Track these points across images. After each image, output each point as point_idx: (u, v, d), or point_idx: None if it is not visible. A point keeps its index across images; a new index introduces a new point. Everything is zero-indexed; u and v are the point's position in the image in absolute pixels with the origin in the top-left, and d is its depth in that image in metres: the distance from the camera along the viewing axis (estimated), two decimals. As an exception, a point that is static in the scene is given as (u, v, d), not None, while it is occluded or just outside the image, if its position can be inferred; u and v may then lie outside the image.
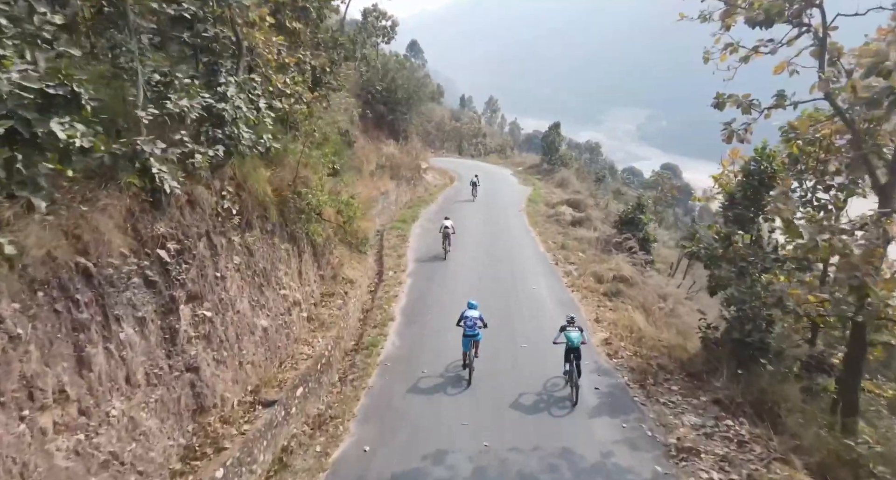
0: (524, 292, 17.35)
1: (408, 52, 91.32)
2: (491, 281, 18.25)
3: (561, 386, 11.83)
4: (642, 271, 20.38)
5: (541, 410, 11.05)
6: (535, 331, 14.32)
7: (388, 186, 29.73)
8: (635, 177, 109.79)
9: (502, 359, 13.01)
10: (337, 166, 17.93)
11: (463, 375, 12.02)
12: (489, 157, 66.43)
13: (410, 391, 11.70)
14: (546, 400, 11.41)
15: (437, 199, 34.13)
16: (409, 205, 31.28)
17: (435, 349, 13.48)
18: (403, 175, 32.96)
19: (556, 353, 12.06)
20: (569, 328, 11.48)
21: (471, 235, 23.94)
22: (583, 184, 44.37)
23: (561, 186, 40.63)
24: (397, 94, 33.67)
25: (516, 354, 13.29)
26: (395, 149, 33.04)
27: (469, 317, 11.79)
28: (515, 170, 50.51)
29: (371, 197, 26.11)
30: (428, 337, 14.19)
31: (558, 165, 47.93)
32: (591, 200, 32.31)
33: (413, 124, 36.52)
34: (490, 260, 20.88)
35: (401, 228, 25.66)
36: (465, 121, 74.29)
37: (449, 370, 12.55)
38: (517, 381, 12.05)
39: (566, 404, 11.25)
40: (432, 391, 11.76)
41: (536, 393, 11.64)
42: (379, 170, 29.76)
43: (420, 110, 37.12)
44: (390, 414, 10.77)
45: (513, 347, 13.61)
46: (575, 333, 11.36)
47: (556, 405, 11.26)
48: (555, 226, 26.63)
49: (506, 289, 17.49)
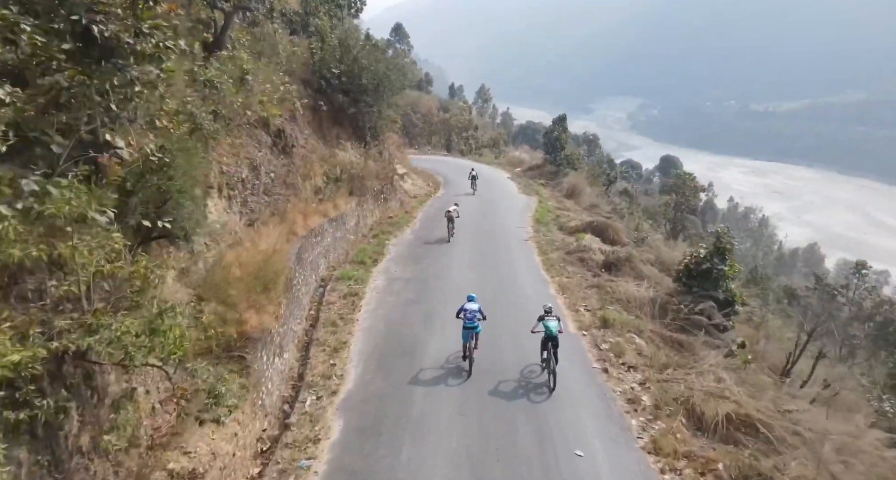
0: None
1: (392, 37, 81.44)
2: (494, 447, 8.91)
3: (538, 373, 11.27)
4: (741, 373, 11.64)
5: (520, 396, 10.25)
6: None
7: (345, 207, 20.80)
8: (634, 171, 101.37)
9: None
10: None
11: (463, 366, 11.44)
12: (482, 155, 57.25)
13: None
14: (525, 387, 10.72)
15: (416, 219, 25.19)
16: (376, 232, 22.35)
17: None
18: (370, 188, 23.98)
19: None
20: (547, 317, 11.10)
21: (457, 288, 15.13)
22: (594, 190, 35.55)
23: (573, 196, 31.76)
24: (361, 80, 24.48)
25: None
26: (358, 154, 23.98)
27: (468, 310, 11.43)
28: (513, 172, 41.51)
29: (312, 229, 17.23)
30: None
31: (564, 166, 39.03)
32: (620, 222, 23.50)
33: (385, 119, 27.35)
34: (489, 366, 11.57)
35: (354, 278, 16.78)
36: (454, 111, 64.93)
37: (449, 362, 11.71)
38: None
39: (544, 390, 10.63)
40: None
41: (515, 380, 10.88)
42: (332, 184, 20.78)
43: (395, 101, 27.93)
44: None
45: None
46: (553, 322, 10.97)
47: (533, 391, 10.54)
48: (579, 272, 17.79)
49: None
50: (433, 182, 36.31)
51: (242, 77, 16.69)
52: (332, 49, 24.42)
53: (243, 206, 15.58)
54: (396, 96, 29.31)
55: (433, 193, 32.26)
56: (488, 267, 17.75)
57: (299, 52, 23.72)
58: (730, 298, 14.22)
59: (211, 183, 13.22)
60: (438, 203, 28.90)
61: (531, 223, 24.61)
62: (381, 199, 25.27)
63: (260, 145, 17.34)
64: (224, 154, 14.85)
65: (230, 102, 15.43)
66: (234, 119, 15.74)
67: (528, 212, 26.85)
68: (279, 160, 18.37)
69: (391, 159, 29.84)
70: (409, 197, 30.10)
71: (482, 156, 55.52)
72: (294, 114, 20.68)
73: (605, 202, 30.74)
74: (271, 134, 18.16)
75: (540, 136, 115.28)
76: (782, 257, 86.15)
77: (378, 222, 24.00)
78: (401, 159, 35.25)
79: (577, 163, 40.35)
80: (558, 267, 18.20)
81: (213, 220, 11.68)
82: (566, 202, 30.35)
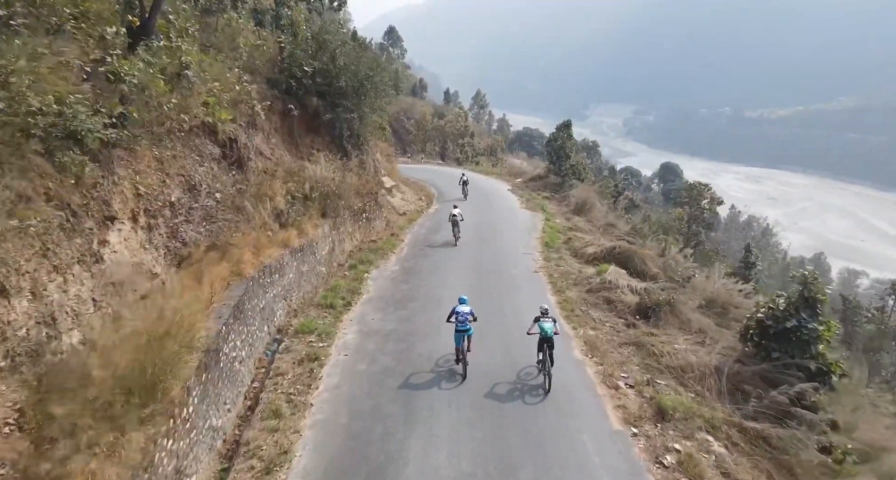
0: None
1: (385, 40, 77.65)
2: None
3: (534, 375, 10.79)
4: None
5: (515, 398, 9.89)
6: None
7: (315, 233, 16.74)
8: (634, 178, 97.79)
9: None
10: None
11: (456, 369, 10.90)
12: (479, 163, 53.29)
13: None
14: (520, 389, 10.32)
15: (404, 242, 21.12)
16: (354, 262, 18.21)
17: None
18: (349, 207, 19.94)
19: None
20: (542, 319, 10.59)
21: (450, 351, 11.13)
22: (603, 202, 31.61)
23: (582, 212, 27.79)
24: (339, 81, 20.51)
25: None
26: (335, 167, 19.93)
27: (460, 313, 10.90)
28: (513, 183, 37.54)
29: (266, 266, 13.20)
30: None
31: (570, 177, 35.11)
32: (645, 246, 19.42)
33: (370, 126, 23.38)
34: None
35: (318, 331, 12.66)
36: (449, 118, 61.04)
37: (440, 365, 11.05)
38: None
39: (539, 392, 10.21)
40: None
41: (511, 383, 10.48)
42: (298, 204, 16.74)
43: (381, 105, 23.94)
44: None
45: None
46: (548, 324, 10.46)
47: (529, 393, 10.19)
48: (607, 319, 13.74)
49: None
50: (426, 195, 32.28)
51: (179, 72, 12.70)
52: (305, 43, 20.44)
53: (171, 239, 11.53)
54: (383, 100, 25.39)
55: (425, 209, 28.20)
56: (491, 312, 13.67)
57: (266, 46, 19.77)
58: (824, 367, 10.27)
59: (113, 212, 9.26)
60: (431, 222, 24.83)
61: (539, 247, 20.58)
62: (362, 220, 21.19)
63: (202, 158, 13.30)
64: (145, 170, 10.81)
65: (158, 103, 11.45)
66: (165, 124, 11.78)
67: (535, 233, 22.81)
68: (229, 176, 14.36)
69: (377, 171, 25.82)
70: (397, 214, 26.05)
71: (479, 165, 51.57)
72: (254, 119, 16.70)
73: (622, 220, 26.73)
74: (219, 143, 14.15)
75: (537, 143, 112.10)
76: (788, 268, 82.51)
77: (358, 247, 19.91)
78: (389, 170, 31.25)
79: (584, 174, 36.45)
80: (580, 311, 14.15)
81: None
82: (576, 219, 26.36)
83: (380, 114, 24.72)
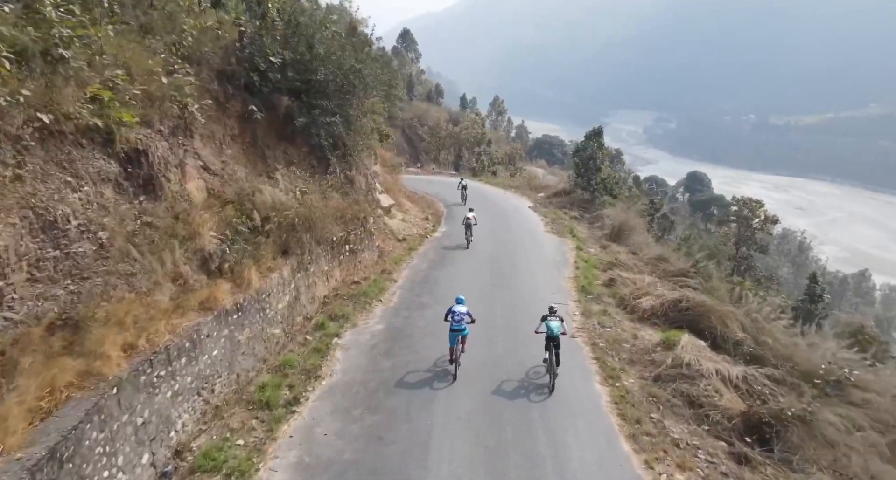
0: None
1: (399, 43, 73.18)
2: None
3: (542, 374, 10.43)
4: None
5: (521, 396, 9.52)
6: None
7: (266, 280, 11.78)
8: (659, 188, 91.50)
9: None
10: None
11: (449, 369, 10.66)
12: (496, 174, 48.07)
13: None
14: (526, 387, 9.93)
15: (398, 284, 16.03)
16: (322, 319, 13.13)
17: None
18: (323, 239, 14.97)
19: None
20: (550, 318, 10.48)
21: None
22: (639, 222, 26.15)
23: (620, 239, 22.44)
24: (317, 75, 15.70)
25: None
26: (306, 188, 14.98)
27: (456, 312, 10.81)
28: (534, 198, 32.29)
29: (156, 351, 8.30)
30: None
31: (601, 193, 29.76)
32: (715, 296, 14.00)
33: (360, 132, 18.46)
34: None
35: (229, 467, 7.69)
36: (465, 124, 56.06)
37: (437, 365, 10.80)
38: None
39: (544, 390, 9.84)
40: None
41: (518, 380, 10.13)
42: (239, 243, 11.77)
43: (374, 108, 19.04)
44: None
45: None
46: (555, 323, 10.30)
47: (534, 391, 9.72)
48: (696, 440, 8.47)
49: None
50: (433, 213, 27.24)
51: (46, 50, 8.00)
52: (271, 27, 15.66)
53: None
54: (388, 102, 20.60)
55: (430, 232, 23.11)
56: (509, 422, 8.58)
57: (223, 30, 15.04)
58: None
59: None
60: (435, 252, 19.70)
61: (573, 291, 15.37)
62: (344, 253, 16.21)
63: (80, 178, 8.47)
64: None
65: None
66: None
67: (566, 270, 17.56)
68: (132, 206, 9.52)
69: (370, 189, 20.88)
70: (395, 240, 21.05)
71: (495, 176, 46.39)
72: (187, 123, 11.91)
73: (670, 249, 21.25)
74: (119, 157, 9.35)
75: (557, 151, 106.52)
76: (831, 285, 75.35)
77: (336, 292, 14.91)
78: (390, 185, 26.34)
79: (616, 189, 31.03)
80: (646, 419, 8.94)
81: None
82: (614, 248, 21.01)
83: (375, 118, 19.77)
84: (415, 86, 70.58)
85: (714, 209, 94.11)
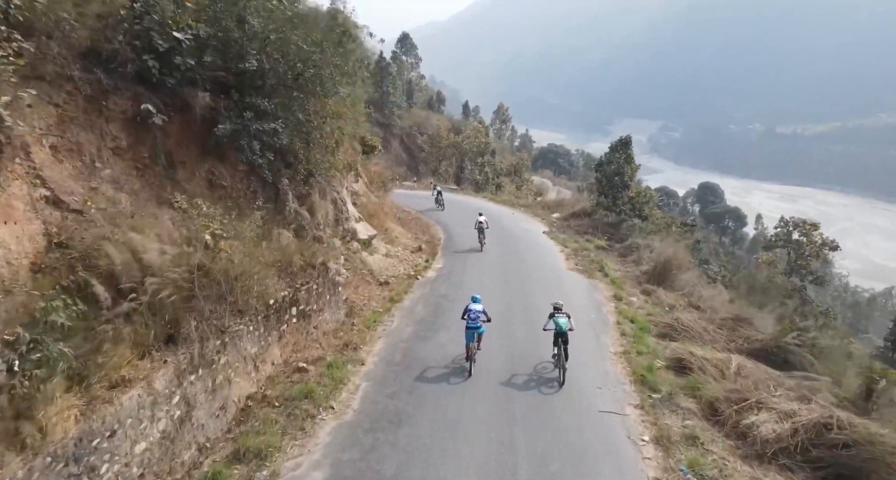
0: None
1: (397, 48, 68.31)
2: None
3: (550, 369, 10.38)
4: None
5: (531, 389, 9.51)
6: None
7: (124, 401, 6.49)
8: (670, 199, 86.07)
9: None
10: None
11: (465, 366, 10.37)
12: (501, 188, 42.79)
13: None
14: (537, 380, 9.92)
15: (363, 369, 10.73)
16: (217, 468, 7.88)
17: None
18: (250, 307, 9.68)
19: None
20: (557, 314, 10.42)
21: None
22: (688, 257, 20.81)
23: (666, 279, 17.12)
24: (247, 61, 10.56)
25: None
26: (215, 227, 9.68)
27: (472, 311, 10.51)
28: (548, 219, 26.99)
29: None
30: None
31: (629, 216, 24.45)
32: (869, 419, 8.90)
33: (320, 143, 13.18)
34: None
35: None
36: (467, 133, 50.94)
37: (455, 362, 10.55)
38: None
39: (554, 384, 9.80)
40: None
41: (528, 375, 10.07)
42: (84, 343, 6.48)
43: (342, 110, 13.81)
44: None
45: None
46: (563, 319, 10.26)
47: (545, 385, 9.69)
48: None
49: None
50: (427, 240, 21.98)
51: None
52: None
53: None
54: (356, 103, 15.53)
55: (423, 270, 17.78)
56: None
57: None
58: None
59: None
60: (425, 305, 14.37)
61: (627, 381, 10.10)
62: (288, 321, 10.95)
63: None
64: None
65: None
66: None
67: (607, 336, 12.28)
68: None
69: (340, 220, 15.61)
70: (375, 283, 15.79)
71: (501, 191, 41.14)
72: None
73: (745, 304, 15.87)
74: None
75: (563, 160, 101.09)
76: (857, 305, 69.55)
77: (265, 389, 9.63)
78: (375, 208, 21.14)
79: (648, 211, 25.61)
80: None
81: None
82: (662, 295, 15.69)
83: (345, 124, 14.54)
84: (414, 93, 65.55)
85: (729, 221, 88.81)
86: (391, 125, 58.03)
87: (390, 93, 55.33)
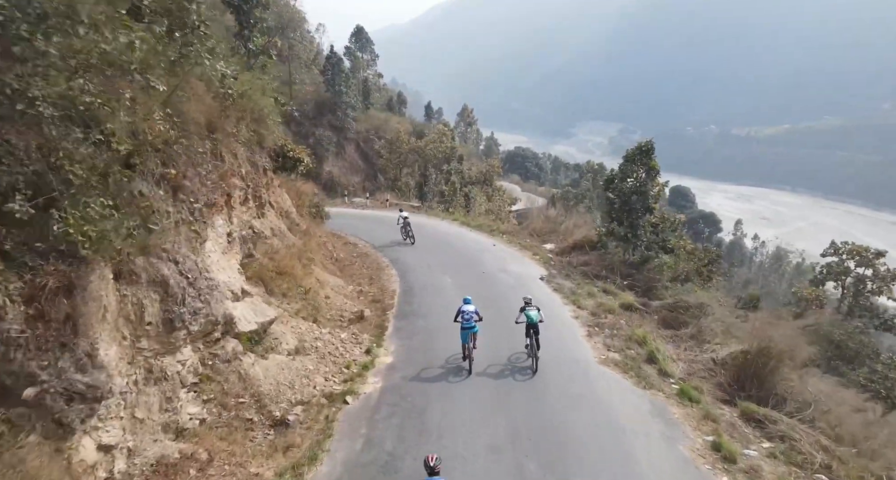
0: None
1: (352, 43, 60.01)
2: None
3: (524, 359, 10.96)
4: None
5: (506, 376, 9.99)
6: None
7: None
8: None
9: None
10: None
11: (463, 366, 10.68)
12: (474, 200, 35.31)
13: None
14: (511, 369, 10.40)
15: None
16: None
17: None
18: None
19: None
20: (528, 308, 10.91)
21: None
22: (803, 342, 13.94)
23: (761, 384, 10.04)
24: None
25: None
26: None
27: (466, 312, 10.69)
28: (542, 255, 19.66)
29: None
30: None
31: (656, 252, 17.41)
32: None
33: (93, 159, 5.31)
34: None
35: None
36: (431, 137, 43.30)
37: (449, 362, 10.79)
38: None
39: (527, 372, 10.40)
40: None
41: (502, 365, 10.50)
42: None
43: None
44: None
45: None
46: (533, 312, 10.76)
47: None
48: None
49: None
50: (374, 300, 14.18)
51: None
52: None
53: None
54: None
55: (357, 376, 10.06)
56: None
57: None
58: None
59: None
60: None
61: None
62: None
63: None
64: None
65: None
66: None
67: None
68: None
69: (179, 315, 7.62)
70: (260, 423, 8.06)
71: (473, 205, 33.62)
72: None
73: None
74: None
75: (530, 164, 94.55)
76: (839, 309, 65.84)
77: None
78: (294, 256, 13.19)
79: (674, 243, 18.53)
80: None
81: None
82: (785, 429, 8.56)
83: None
84: (371, 93, 57.47)
85: (704, 226, 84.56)
86: (345, 128, 49.86)
87: (343, 92, 47.30)
